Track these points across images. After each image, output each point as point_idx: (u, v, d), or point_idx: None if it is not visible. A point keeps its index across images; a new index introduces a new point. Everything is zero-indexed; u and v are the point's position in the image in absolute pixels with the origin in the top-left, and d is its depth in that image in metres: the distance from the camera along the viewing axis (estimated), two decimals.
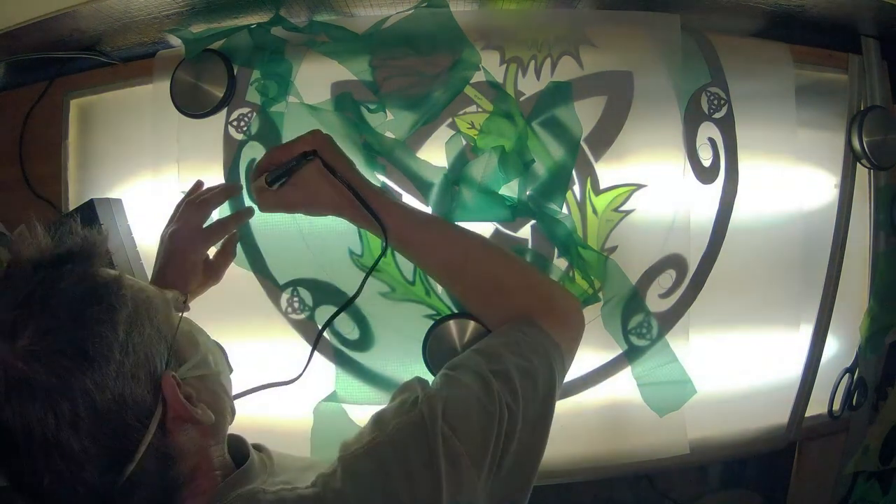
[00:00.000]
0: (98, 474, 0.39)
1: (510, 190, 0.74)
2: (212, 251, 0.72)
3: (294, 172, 0.62)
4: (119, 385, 0.40)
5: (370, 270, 0.67)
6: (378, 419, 0.51)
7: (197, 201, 0.70)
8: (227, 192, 0.73)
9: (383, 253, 0.64)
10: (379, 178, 0.75)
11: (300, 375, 0.67)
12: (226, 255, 0.73)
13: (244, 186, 0.76)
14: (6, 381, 0.37)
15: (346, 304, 0.69)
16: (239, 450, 0.52)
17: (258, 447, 0.55)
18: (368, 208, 0.62)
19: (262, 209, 0.67)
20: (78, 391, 0.38)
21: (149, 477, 0.41)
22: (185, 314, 0.50)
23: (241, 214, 0.73)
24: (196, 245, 0.68)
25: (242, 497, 0.45)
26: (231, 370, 0.58)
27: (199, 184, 0.74)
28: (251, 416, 0.79)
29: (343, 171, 0.62)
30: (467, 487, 0.47)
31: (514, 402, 0.51)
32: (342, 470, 0.46)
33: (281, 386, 0.67)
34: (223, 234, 0.71)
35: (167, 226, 0.70)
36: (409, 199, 0.75)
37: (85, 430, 0.38)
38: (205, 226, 0.69)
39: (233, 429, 0.55)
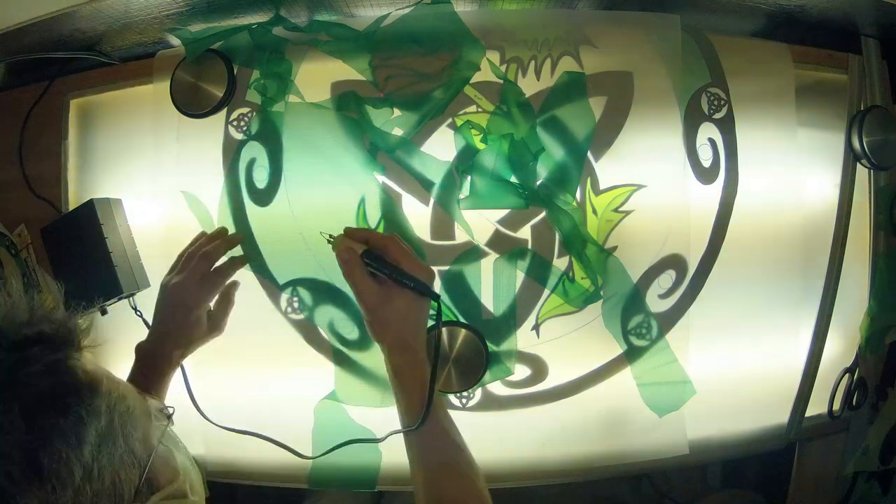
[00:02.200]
0: None
1: (522, 179, 0.75)
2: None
3: (398, 282, 0.59)
4: None
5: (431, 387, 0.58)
6: None
7: (199, 253, 0.70)
8: (230, 242, 0.73)
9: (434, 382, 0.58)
10: (378, 179, 0.75)
11: (420, 424, 0.58)
12: (226, 303, 0.73)
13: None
14: None
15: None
16: None
17: None
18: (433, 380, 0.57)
19: (343, 267, 0.61)
20: None
21: None
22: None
23: (238, 261, 0.74)
24: (199, 297, 0.69)
25: None
26: (207, 494, 0.53)
27: (201, 235, 0.75)
28: (252, 417, 0.79)
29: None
30: None
31: None
32: None
33: (402, 432, 0.61)
34: (224, 282, 0.72)
35: (168, 275, 0.71)
36: (411, 198, 0.75)
37: None
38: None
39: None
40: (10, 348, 0.35)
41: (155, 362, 0.67)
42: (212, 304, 0.73)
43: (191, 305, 0.68)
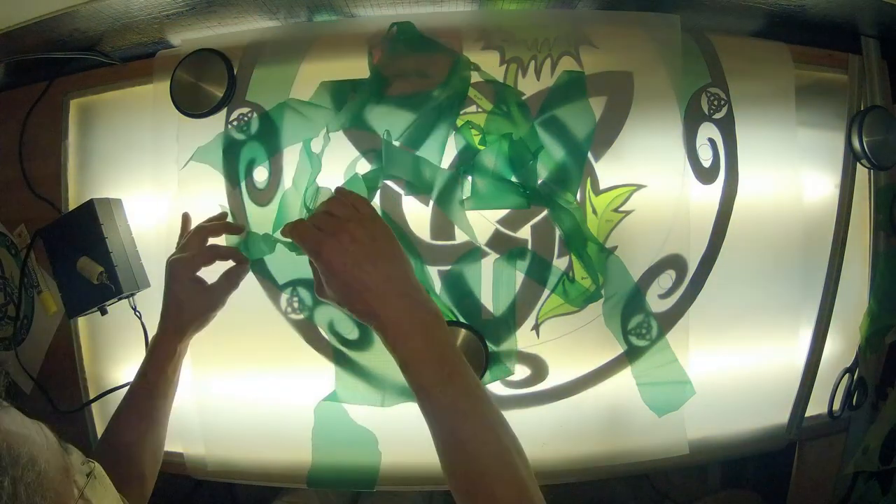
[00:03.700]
0: None
1: (523, 178, 0.75)
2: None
3: None
4: None
5: None
6: None
7: (194, 228, 0.72)
8: (228, 227, 0.75)
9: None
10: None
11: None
12: (228, 284, 0.73)
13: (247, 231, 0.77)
14: None
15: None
16: None
17: None
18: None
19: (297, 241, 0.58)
20: None
21: None
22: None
23: (236, 252, 0.74)
24: (187, 268, 0.69)
25: None
26: None
27: (218, 216, 0.76)
28: (252, 417, 0.79)
29: None
30: None
31: None
32: None
33: None
34: (212, 259, 0.72)
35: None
36: (411, 200, 0.75)
37: None
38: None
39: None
40: None
41: (161, 348, 0.68)
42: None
43: (183, 278, 0.69)
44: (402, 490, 0.86)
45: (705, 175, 0.79)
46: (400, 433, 0.75)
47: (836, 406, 0.88)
